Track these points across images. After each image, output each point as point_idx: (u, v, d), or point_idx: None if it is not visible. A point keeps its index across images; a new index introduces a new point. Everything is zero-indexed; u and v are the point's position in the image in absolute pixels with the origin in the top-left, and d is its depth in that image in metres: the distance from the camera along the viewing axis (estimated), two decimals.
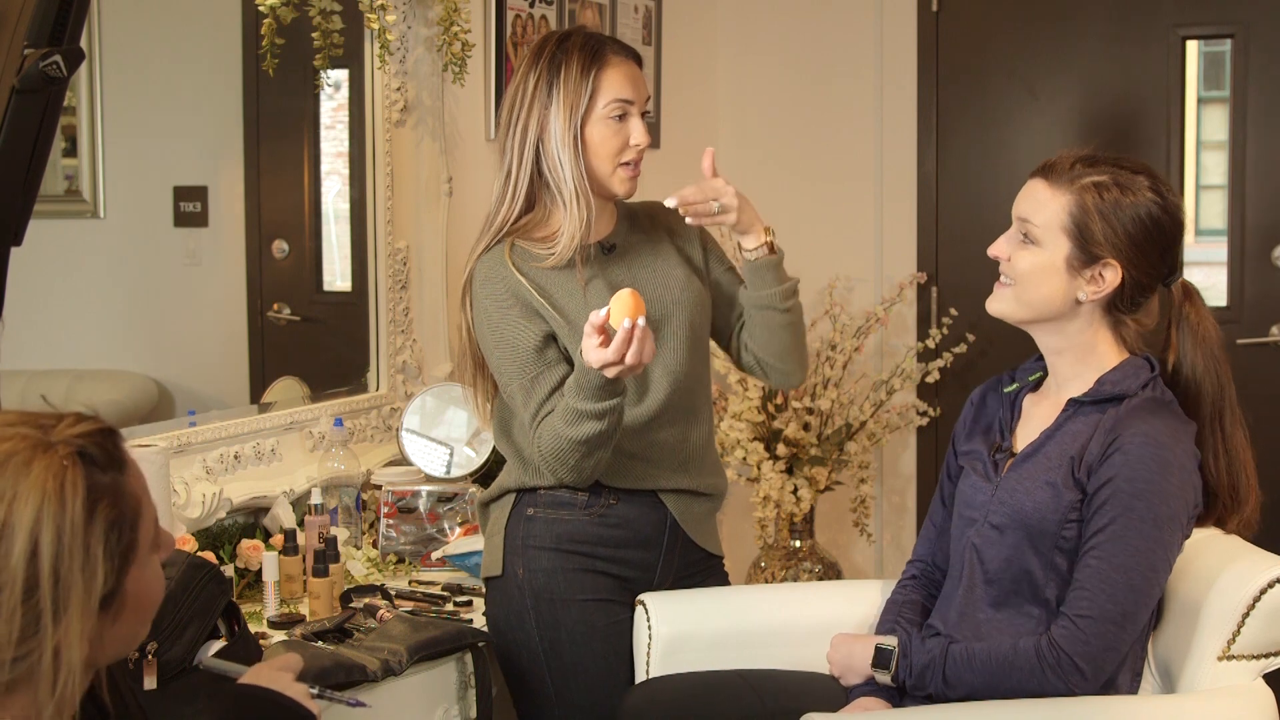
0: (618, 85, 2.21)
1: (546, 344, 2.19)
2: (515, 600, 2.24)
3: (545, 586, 2.23)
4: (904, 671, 1.96)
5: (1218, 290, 3.92)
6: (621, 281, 2.24)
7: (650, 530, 2.28)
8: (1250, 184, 3.85)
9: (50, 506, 1.16)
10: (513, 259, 2.21)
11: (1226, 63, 3.89)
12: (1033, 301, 1.95)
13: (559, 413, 2.13)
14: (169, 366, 2.77)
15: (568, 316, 2.19)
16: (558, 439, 2.12)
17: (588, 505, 2.24)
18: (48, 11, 1.58)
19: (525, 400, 2.18)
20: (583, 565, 2.24)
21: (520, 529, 2.25)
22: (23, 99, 1.59)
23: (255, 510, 2.61)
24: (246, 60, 2.83)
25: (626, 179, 2.24)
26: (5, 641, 1.15)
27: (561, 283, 2.22)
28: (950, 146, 4.13)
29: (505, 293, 2.20)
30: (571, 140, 2.19)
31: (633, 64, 2.26)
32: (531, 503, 2.25)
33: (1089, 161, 1.94)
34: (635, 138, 2.23)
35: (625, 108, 2.22)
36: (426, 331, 3.06)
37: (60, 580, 1.16)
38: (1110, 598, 1.84)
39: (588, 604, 2.23)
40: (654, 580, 2.30)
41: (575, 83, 2.20)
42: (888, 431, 4.03)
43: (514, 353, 2.18)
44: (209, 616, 1.89)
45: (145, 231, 2.84)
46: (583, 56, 2.21)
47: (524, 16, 3.38)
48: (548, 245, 2.22)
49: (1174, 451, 1.87)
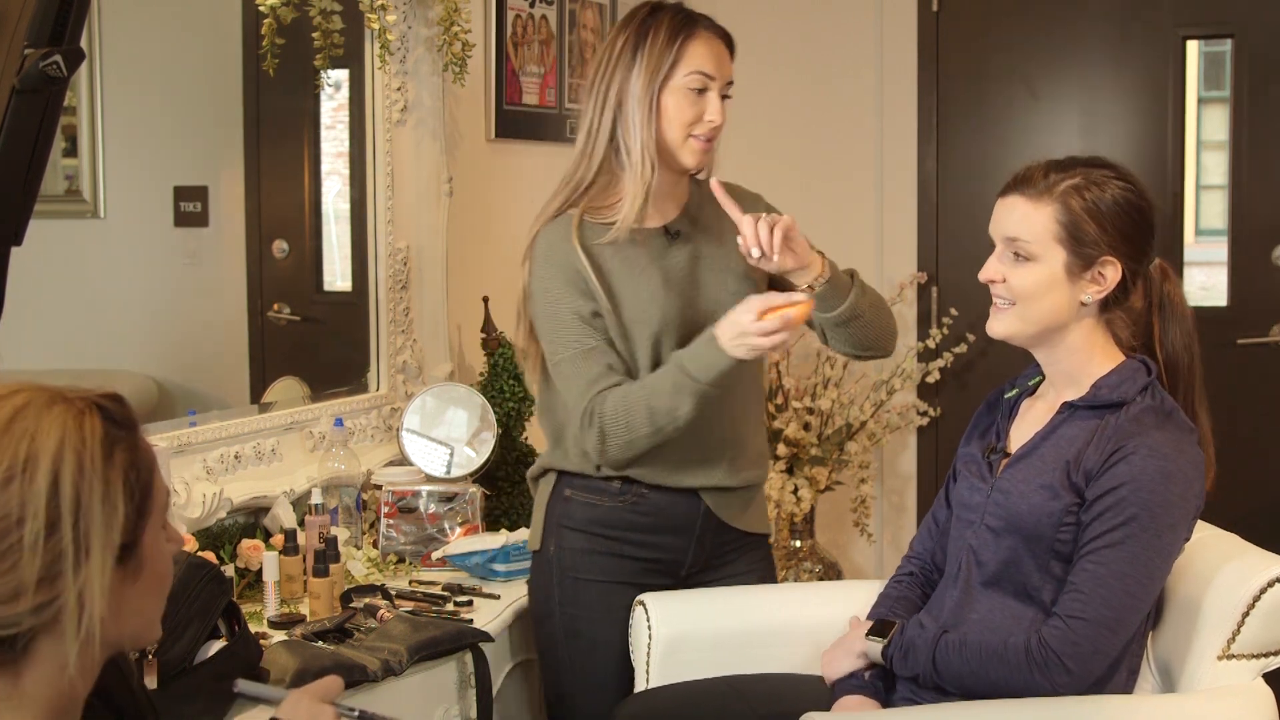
0: (701, 58, 2.24)
1: (596, 319, 2.22)
2: (545, 574, 2.34)
3: (572, 565, 2.31)
4: (896, 645, 1.97)
5: (1218, 290, 3.92)
6: (680, 268, 2.28)
7: (682, 519, 2.32)
8: (1250, 184, 3.85)
9: (71, 440, 1.18)
10: (579, 233, 2.24)
11: (1226, 63, 3.89)
12: (1039, 317, 1.95)
13: (646, 386, 2.16)
14: (169, 366, 2.77)
15: (617, 300, 2.23)
16: (630, 410, 2.16)
17: (620, 493, 2.29)
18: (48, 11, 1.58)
19: (575, 371, 2.20)
20: (610, 549, 2.30)
21: (558, 507, 2.33)
22: (23, 99, 1.58)
23: (255, 510, 2.61)
24: (246, 60, 2.83)
25: (697, 151, 2.26)
26: (28, 583, 1.15)
27: (620, 264, 2.25)
28: (950, 146, 4.13)
29: (564, 265, 2.23)
30: (648, 104, 2.22)
31: (721, 43, 2.28)
32: (569, 484, 2.32)
33: (1058, 167, 1.94)
34: (710, 113, 2.25)
35: (705, 81, 2.24)
36: (426, 331, 3.06)
37: (82, 513, 1.16)
38: (1105, 602, 1.84)
39: (609, 585, 2.30)
40: (685, 562, 2.34)
41: (660, 48, 2.23)
42: (888, 431, 4.03)
43: (566, 324, 2.22)
44: (209, 616, 1.89)
45: (145, 231, 2.83)
46: (672, 24, 2.25)
47: (524, 16, 3.38)
48: (612, 215, 2.24)
49: (1177, 463, 1.87)
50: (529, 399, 3.00)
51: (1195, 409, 1.98)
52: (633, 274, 2.24)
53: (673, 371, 2.16)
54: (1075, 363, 1.97)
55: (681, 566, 2.34)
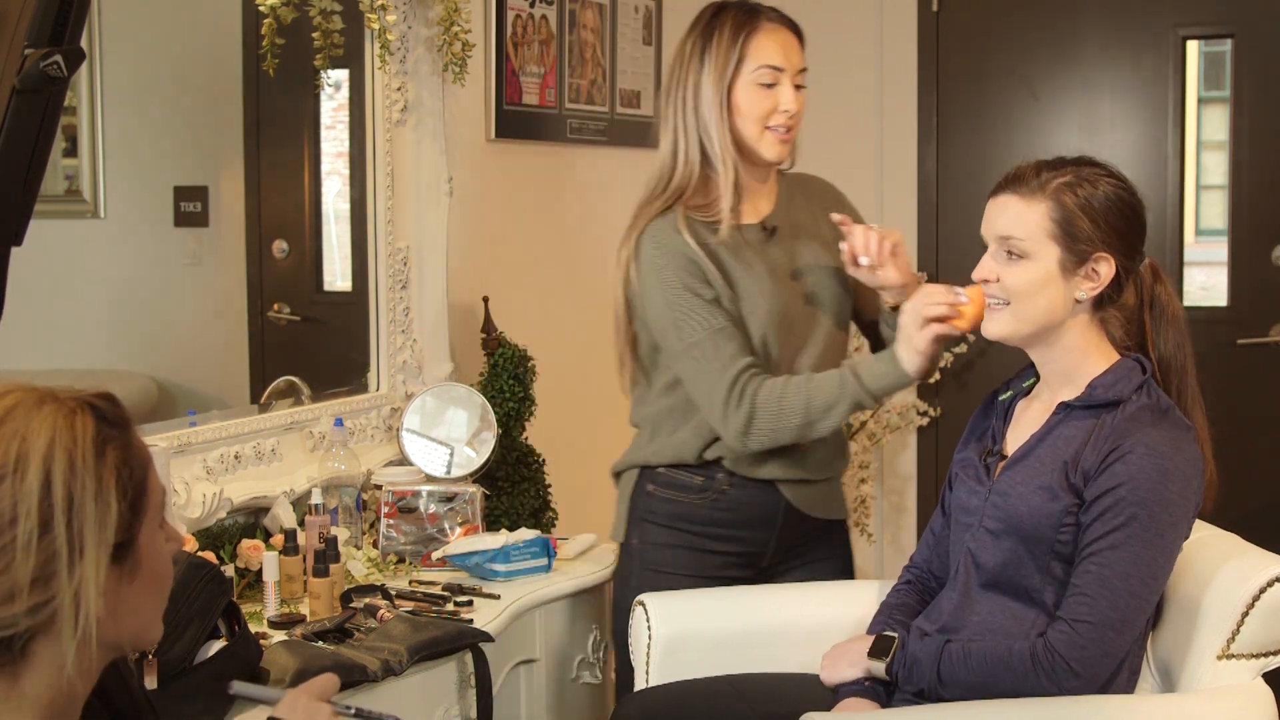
0: (767, 51, 2.26)
1: (717, 304, 2.25)
2: (626, 566, 2.42)
3: (653, 559, 2.37)
4: (899, 663, 1.96)
5: (1218, 290, 3.92)
6: (780, 263, 2.31)
7: (763, 513, 2.35)
8: (1250, 184, 3.85)
9: (62, 438, 1.17)
10: (686, 227, 2.27)
11: (1226, 63, 3.89)
12: (1033, 315, 1.94)
13: (811, 381, 2.19)
14: (169, 366, 2.77)
15: (735, 290, 2.26)
16: (786, 398, 2.18)
17: (701, 490, 2.33)
18: (48, 11, 1.58)
19: (709, 352, 2.22)
20: (691, 544, 2.34)
21: (641, 502, 2.39)
22: (23, 99, 1.58)
23: (255, 510, 2.61)
24: (246, 60, 2.83)
25: (775, 143, 2.29)
26: (23, 584, 1.15)
27: (730, 257, 2.28)
28: (950, 146, 4.13)
29: (678, 254, 2.26)
30: (718, 103, 2.26)
31: (787, 32, 2.31)
32: (651, 479, 2.37)
33: (1050, 166, 1.95)
34: (784, 103, 2.27)
35: (774, 74, 2.27)
36: (426, 331, 3.06)
37: (74, 510, 1.16)
38: (1110, 604, 1.83)
39: (687, 579, 2.34)
40: (766, 554, 2.38)
41: (725, 47, 2.27)
42: (888, 431, 4.03)
43: (690, 307, 2.24)
44: (209, 616, 1.89)
45: (145, 231, 2.83)
46: (735, 22, 2.28)
47: (524, 16, 3.38)
48: (711, 213, 2.28)
49: (1175, 461, 1.86)
50: (529, 399, 3.00)
51: (1189, 408, 1.98)
52: (743, 267, 2.28)
53: (842, 372, 2.19)
54: (1071, 361, 1.97)
55: (763, 558, 2.38)
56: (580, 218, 3.63)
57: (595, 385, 3.66)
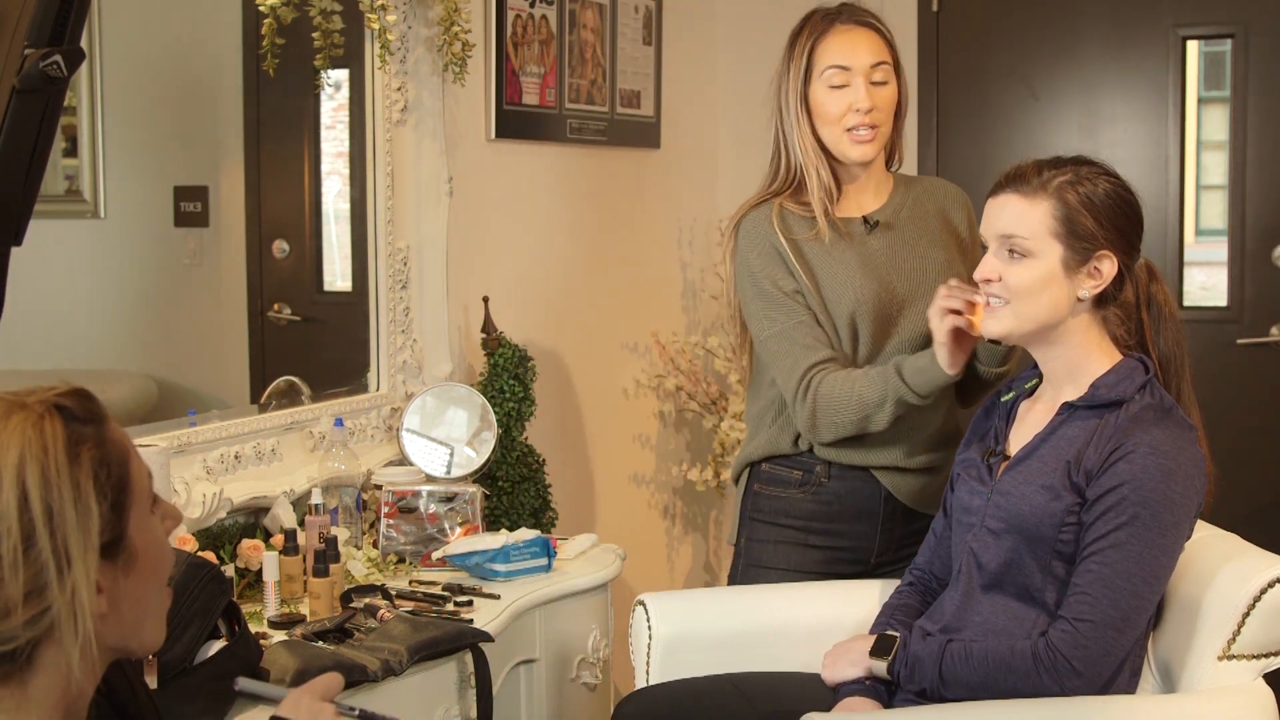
0: (833, 52, 2.30)
1: (798, 295, 2.29)
2: (734, 565, 2.45)
3: (757, 555, 2.40)
4: (901, 662, 1.96)
5: (1218, 290, 3.92)
6: (877, 255, 2.33)
7: (864, 505, 2.36)
8: (1250, 184, 3.85)
9: (32, 449, 1.16)
10: (779, 218, 2.32)
11: (1226, 63, 3.89)
12: (1035, 314, 1.95)
13: (865, 376, 2.22)
14: (169, 366, 2.77)
15: (816, 278, 2.29)
16: (843, 394, 2.22)
17: (801, 483, 2.36)
18: (48, 11, 1.58)
19: (784, 347, 2.27)
20: (795, 539, 2.37)
21: (749, 501, 2.43)
22: (23, 99, 1.58)
23: (255, 510, 2.61)
24: (246, 60, 2.83)
25: (855, 143, 2.32)
26: (15, 599, 1.14)
27: (817, 247, 2.31)
28: (950, 146, 4.13)
29: (766, 245, 2.31)
30: (796, 106, 2.32)
31: (860, 30, 2.33)
32: (757, 478, 2.41)
33: (1049, 165, 1.95)
34: (856, 102, 2.29)
35: (843, 74, 2.30)
36: (426, 331, 3.06)
37: (55, 520, 1.15)
38: (1112, 603, 1.83)
39: (788, 574, 2.37)
40: (874, 549, 2.38)
41: (799, 52, 2.33)
42: None
43: (772, 299, 2.29)
44: (209, 616, 1.89)
45: (145, 231, 2.83)
46: (811, 26, 2.35)
47: (524, 16, 3.38)
48: (809, 210, 2.32)
49: (1178, 460, 1.86)
50: (529, 399, 3.00)
51: (1186, 407, 1.99)
52: (829, 256, 2.31)
53: (888, 369, 2.21)
54: (1074, 359, 1.97)
55: (871, 554, 2.38)
56: (580, 218, 3.63)
57: (595, 385, 3.66)
